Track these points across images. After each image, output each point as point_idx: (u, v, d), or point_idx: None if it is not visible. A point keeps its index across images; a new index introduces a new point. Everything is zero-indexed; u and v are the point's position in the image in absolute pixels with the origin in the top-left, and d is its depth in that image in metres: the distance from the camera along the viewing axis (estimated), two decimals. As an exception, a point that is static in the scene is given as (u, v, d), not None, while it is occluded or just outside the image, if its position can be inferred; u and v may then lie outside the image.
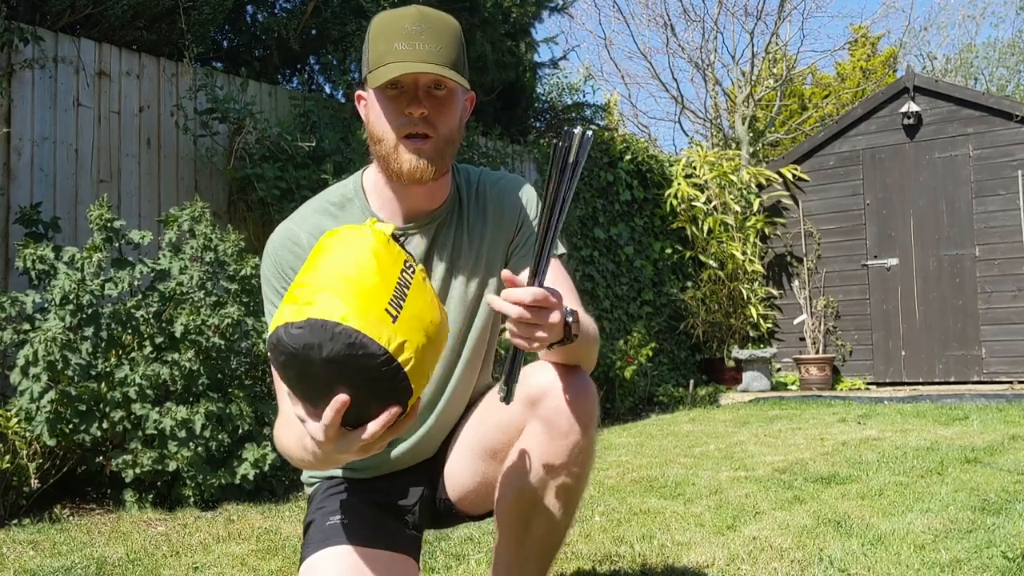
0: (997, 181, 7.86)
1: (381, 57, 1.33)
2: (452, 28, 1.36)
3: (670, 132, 25.71)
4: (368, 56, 1.37)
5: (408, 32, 1.32)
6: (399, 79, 1.33)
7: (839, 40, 23.07)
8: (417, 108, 1.34)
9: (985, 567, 2.22)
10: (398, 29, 1.33)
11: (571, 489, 1.36)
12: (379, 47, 1.34)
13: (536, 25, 7.42)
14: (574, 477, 1.35)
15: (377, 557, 1.36)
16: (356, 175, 1.54)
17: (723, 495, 3.33)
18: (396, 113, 1.36)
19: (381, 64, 1.33)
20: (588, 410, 1.33)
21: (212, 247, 3.63)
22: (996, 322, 7.82)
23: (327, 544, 1.36)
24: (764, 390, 7.98)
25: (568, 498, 1.36)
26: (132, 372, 3.33)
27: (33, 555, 2.69)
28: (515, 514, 1.38)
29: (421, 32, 1.33)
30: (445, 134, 1.38)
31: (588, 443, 1.33)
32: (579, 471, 1.35)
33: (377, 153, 1.40)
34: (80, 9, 4.29)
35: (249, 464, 3.44)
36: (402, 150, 1.36)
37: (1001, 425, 5.09)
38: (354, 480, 1.51)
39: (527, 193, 1.55)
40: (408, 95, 1.35)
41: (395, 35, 1.33)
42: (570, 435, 1.32)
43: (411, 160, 1.36)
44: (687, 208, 8.42)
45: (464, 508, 1.53)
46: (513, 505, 1.38)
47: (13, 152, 3.89)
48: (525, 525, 1.38)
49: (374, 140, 1.40)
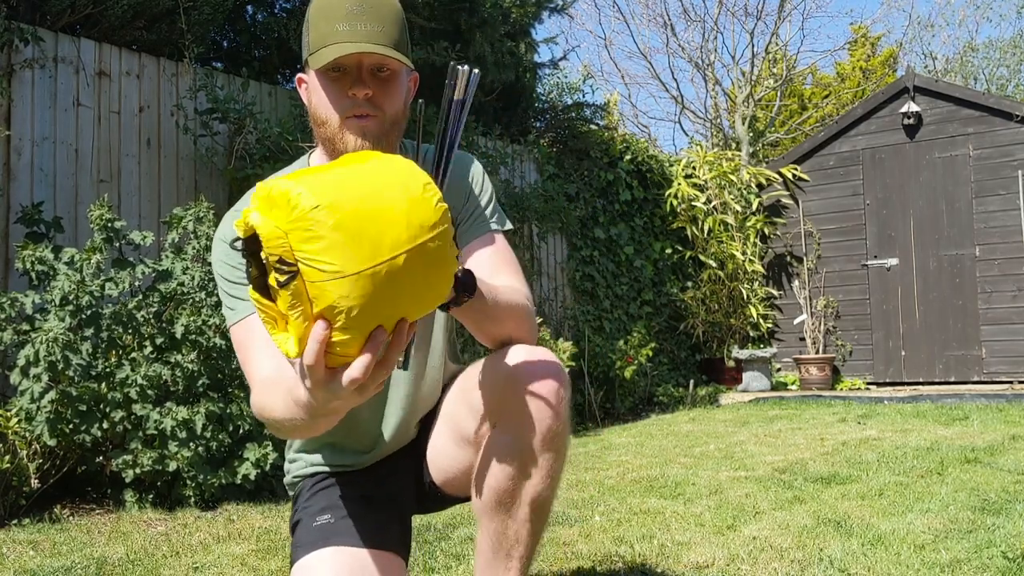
0: (997, 181, 7.86)
1: (323, 38, 1.31)
2: (393, 8, 1.35)
3: (670, 132, 25.74)
4: (309, 38, 1.34)
5: (349, 12, 1.30)
6: (341, 61, 1.31)
7: (839, 40, 23.10)
8: (361, 90, 1.32)
9: (985, 567, 2.22)
10: (339, 10, 1.31)
11: (548, 473, 1.33)
12: (320, 28, 1.32)
13: (536, 25, 7.43)
14: (550, 460, 1.32)
15: (367, 557, 1.35)
16: (301, 159, 1.53)
17: (723, 495, 3.33)
18: (339, 95, 1.34)
19: (323, 45, 1.31)
20: (558, 391, 1.31)
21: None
22: (996, 322, 7.82)
23: (316, 546, 1.35)
24: (764, 390, 7.98)
25: (546, 484, 1.34)
26: (133, 372, 3.33)
27: (33, 555, 2.69)
28: (493, 504, 1.35)
29: (362, 12, 1.30)
30: (391, 115, 1.36)
31: (561, 425, 1.32)
32: (555, 454, 1.33)
33: (321, 136, 1.38)
34: (80, 9, 4.29)
35: (250, 464, 3.44)
36: (346, 131, 1.34)
37: (1001, 425, 5.09)
38: (338, 474, 1.51)
39: (473, 168, 1.53)
40: (351, 76, 1.33)
41: (336, 16, 1.30)
42: (543, 419, 1.30)
43: (355, 141, 1.34)
44: (687, 208, 8.42)
45: (450, 491, 1.53)
46: (491, 496, 1.35)
47: (13, 152, 3.89)
48: (505, 514, 1.35)
49: (317, 123, 1.38)
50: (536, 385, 1.30)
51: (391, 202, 1.03)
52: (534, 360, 1.32)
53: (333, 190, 1.00)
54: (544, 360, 1.33)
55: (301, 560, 1.35)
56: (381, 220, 1.01)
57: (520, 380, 1.31)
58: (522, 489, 1.33)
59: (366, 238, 0.99)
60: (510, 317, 1.35)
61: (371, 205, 1.01)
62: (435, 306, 1.11)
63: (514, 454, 1.31)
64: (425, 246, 1.03)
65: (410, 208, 1.03)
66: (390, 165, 1.08)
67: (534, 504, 1.34)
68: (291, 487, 1.58)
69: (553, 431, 1.31)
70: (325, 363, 1.01)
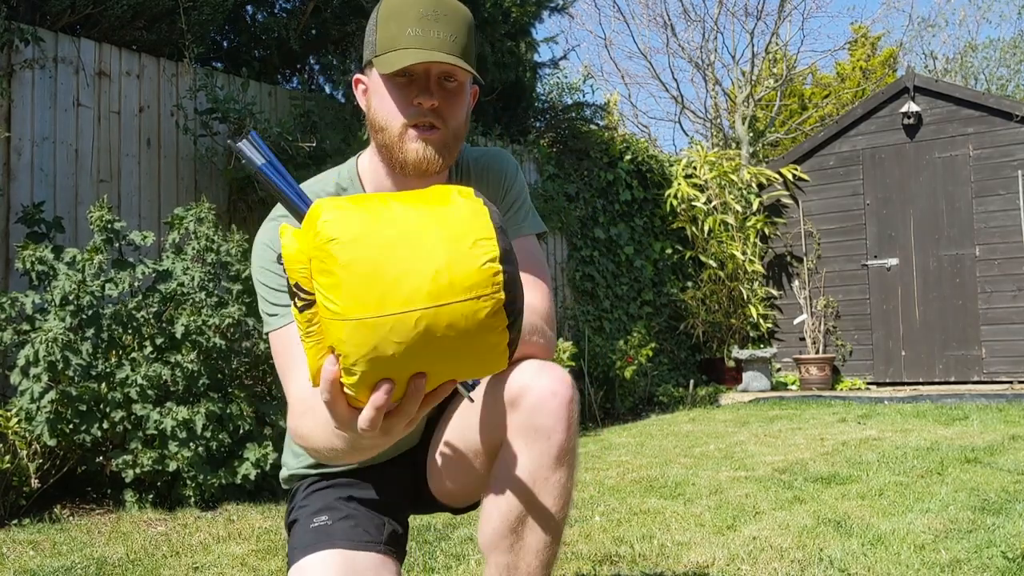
0: (997, 181, 7.86)
1: (392, 41, 1.26)
2: (466, 16, 1.30)
3: (670, 132, 25.73)
4: (375, 37, 1.29)
5: (422, 17, 1.25)
6: (410, 68, 1.27)
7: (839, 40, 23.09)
8: (428, 99, 1.27)
9: (985, 567, 2.22)
10: (411, 13, 1.25)
11: (560, 493, 1.29)
12: (390, 30, 1.26)
13: (536, 25, 7.43)
14: (561, 479, 1.28)
15: (363, 560, 1.35)
16: (351, 162, 1.47)
17: (723, 495, 3.33)
18: (404, 102, 1.28)
19: (392, 49, 1.25)
20: (569, 408, 1.27)
21: (214, 248, 3.63)
22: (996, 322, 7.82)
23: (313, 549, 1.34)
24: (764, 390, 7.98)
25: (558, 504, 1.29)
26: (133, 372, 3.33)
27: (33, 555, 2.69)
28: (504, 530, 1.29)
29: (436, 19, 1.26)
30: (454, 127, 1.32)
31: (571, 443, 1.28)
32: (566, 472, 1.28)
33: (379, 142, 1.33)
34: (80, 9, 4.29)
35: (250, 464, 3.44)
36: (408, 139, 1.29)
37: (1001, 425, 5.09)
38: (336, 475, 1.50)
39: (508, 162, 1.49)
40: (419, 84, 1.28)
41: (408, 19, 1.25)
42: (553, 435, 1.26)
43: (417, 150, 1.29)
44: (687, 208, 8.42)
45: (446, 502, 1.51)
46: (501, 521, 1.29)
47: (13, 152, 3.89)
48: (516, 537, 1.30)
49: (376, 128, 1.32)
50: (545, 400, 1.26)
51: (426, 252, 0.91)
52: (543, 375, 1.28)
53: (363, 225, 0.91)
54: (553, 374, 1.28)
55: (298, 563, 1.35)
56: (403, 269, 0.90)
57: (529, 395, 1.26)
58: (535, 512, 1.28)
59: (378, 284, 0.89)
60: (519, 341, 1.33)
61: (399, 251, 0.90)
62: (474, 375, 0.99)
63: (523, 476, 1.27)
64: (452, 308, 0.90)
65: (447, 263, 0.91)
66: (451, 212, 0.96)
67: (548, 528, 1.29)
68: (287, 483, 1.57)
69: (564, 447, 1.26)
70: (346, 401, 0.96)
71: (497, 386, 1.31)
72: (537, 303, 1.38)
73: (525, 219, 1.47)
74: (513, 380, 1.28)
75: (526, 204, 1.49)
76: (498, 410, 1.30)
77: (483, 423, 1.35)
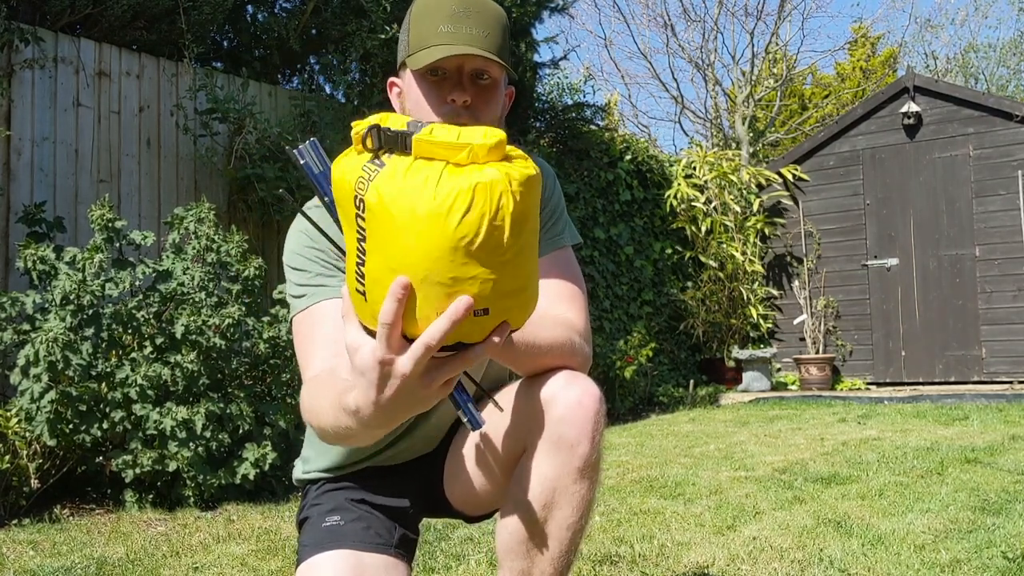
0: (997, 181, 7.86)
1: (423, 39, 1.25)
2: (499, 14, 1.29)
3: (670, 132, 25.77)
4: (408, 37, 1.28)
5: (454, 14, 1.24)
6: (442, 63, 1.25)
7: (839, 40, 23.10)
8: (461, 95, 1.26)
9: (985, 567, 2.22)
10: (442, 10, 1.25)
11: (580, 504, 1.27)
12: (421, 28, 1.26)
13: (536, 25, 7.41)
14: (582, 491, 1.27)
15: (373, 562, 1.35)
16: None
17: (723, 495, 3.33)
18: (438, 100, 1.27)
19: (423, 47, 1.25)
20: (595, 420, 1.25)
21: (214, 248, 3.63)
22: (996, 322, 7.82)
23: (324, 548, 1.34)
24: (764, 390, 7.98)
25: (577, 515, 1.27)
26: (133, 372, 3.33)
27: (33, 555, 2.69)
28: (522, 536, 1.28)
29: (467, 15, 1.25)
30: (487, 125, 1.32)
31: (595, 455, 1.26)
32: (588, 484, 1.27)
33: None
34: (80, 9, 4.29)
35: (249, 464, 3.44)
36: None
37: (1001, 425, 5.09)
38: (350, 475, 1.50)
39: (547, 172, 1.46)
40: (451, 81, 1.27)
41: (439, 17, 1.25)
42: (577, 447, 1.24)
43: None
44: (687, 208, 8.42)
45: (461, 508, 1.50)
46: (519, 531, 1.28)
47: (13, 152, 3.89)
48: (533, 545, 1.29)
49: None
50: (572, 411, 1.24)
51: None
52: (573, 386, 1.26)
53: None
54: (583, 386, 1.26)
55: (309, 560, 1.35)
56: None
57: (556, 405, 1.24)
58: (554, 521, 1.26)
59: None
60: (549, 355, 1.28)
61: None
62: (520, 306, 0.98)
63: (546, 480, 1.26)
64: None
65: None
66: None
67: (565, 538, 1.27)
68: (300, 482, 1.57)
69: (587, 460, 1.24)
70: (403, 327, 0.92)
71: (524, 395, 1.29)
72: (574, 318, 1.36)
73: (564, 231, 1.46)
74: (542, 389, 1.26)
75: (564, 215, 1.48)
76: (524, 419, 1.29)
77: (508, 431, 1.33)
